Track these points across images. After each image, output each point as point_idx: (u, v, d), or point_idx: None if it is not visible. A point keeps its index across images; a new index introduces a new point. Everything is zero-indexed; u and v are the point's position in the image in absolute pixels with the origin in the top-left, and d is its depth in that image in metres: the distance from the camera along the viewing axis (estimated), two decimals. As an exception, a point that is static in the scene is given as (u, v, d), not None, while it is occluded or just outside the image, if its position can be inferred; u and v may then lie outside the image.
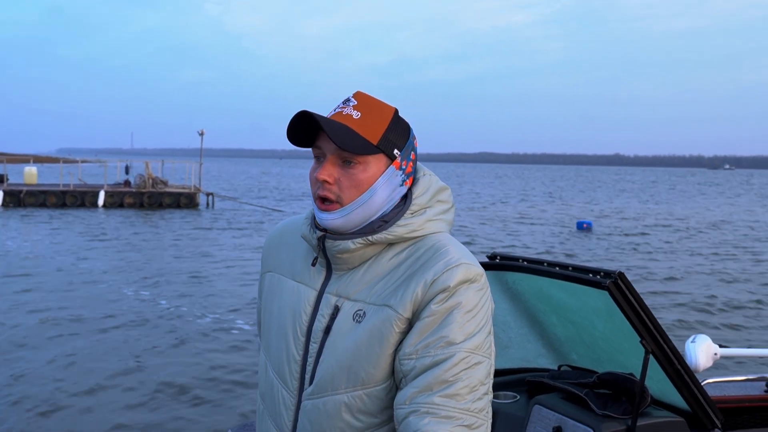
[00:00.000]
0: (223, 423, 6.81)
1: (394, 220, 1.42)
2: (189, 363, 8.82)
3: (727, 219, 34.81)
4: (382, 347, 1.35)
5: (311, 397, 1.41)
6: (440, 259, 1.36)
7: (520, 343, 3.29)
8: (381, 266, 1.42)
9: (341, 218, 1.40)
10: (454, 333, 1.30)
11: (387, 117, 1.42)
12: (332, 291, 1.44)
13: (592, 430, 2.56)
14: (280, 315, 1.52)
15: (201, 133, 38.66)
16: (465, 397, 1.27)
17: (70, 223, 26.83)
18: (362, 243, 1.40)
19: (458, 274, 1.33)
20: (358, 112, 1.40)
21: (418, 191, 1.46)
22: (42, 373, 8.21)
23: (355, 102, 1.41)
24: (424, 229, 1.43)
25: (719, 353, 3.06)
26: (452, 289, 1.32)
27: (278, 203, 40.60)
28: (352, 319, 1.39)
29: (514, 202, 45.89)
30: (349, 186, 1.39)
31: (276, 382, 1.49)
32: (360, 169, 1.39)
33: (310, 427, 1.41)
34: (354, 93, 1.44)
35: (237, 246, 20.96)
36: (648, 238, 25.17)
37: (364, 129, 1.38)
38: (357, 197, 1.40)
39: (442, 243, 1.40)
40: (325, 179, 1.39)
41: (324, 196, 1.40)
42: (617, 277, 2.43)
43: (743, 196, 64.26)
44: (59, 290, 13.33)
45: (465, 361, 1.29)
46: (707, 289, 14.78)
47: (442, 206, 1.48)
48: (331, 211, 1.40)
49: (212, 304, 12.36)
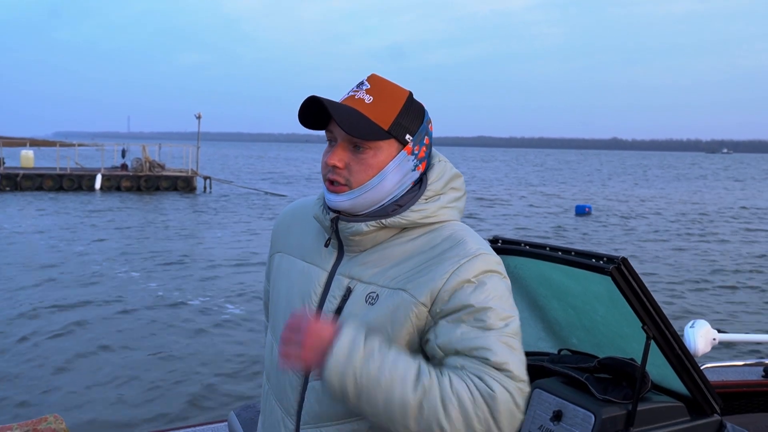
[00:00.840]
0: (226, 405, 6.87)
1: (409, 205, 1.43)
2: (188, 346, 8.85)
3: (733, 204, 34.87)
4: (395, 330, 1.36)
5: (318, 377, 1.41)
6: (460, 249, 1.37)
7: (521, 327, 3.29)
8: (395, 250, 1.42)
9: (349, 201, 1.41)
10: (492, 321, 1.31)
11: (399, 101, 1.42)
12: (344, 273, 1.45)
13: (592, 414, 2.56)
14: (288, 295, 1.52)
15: (198, 117, 38.52)
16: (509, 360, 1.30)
17: (67, 206, 26.78)
18: (375, 226, 1.41)
19: (478, 265, 1.35)
20: (370, 96, 1.39)
21: (433, 177, 1.47)
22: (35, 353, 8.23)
23: (368, 86, 1.41)
24: (438, 215, 1.44)
25: (718, 338, 3.07)
26: (476, 280, 1.34)
27: (274, 186, 40.54)
28: (365, 301, 1.40)
29: (511, 187, 45.87)
30: (358, 170, 1.40)
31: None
32: (370, 154, 1.40)
33: (317, 407, 1.41)
34: (368, 76, 1.44)
35: (234, 229, 20.95)
36: (647, 221, 25.21)
37: (376, 114, 1.38)
38: (366, 181, 1.40)
39: (460, 233, 1.42)
40: (335, 164, 1.39)
41: (333, 179, 1.40)
42: (620, 262, 2.42)
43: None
44: (60, 276, 13.32)
45: (504, 342, 1.31)
46: (706, 273, 14.82)
47: (455, 193, 1.49)
48: (340, 193, 1.41)
49: (208, 287, 12.37)
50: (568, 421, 2.63)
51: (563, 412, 2.66)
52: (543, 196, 37.65)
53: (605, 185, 49.70)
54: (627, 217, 26.95)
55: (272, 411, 1.53)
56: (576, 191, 41.94)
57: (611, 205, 32.49)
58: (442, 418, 1.23)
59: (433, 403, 1.23)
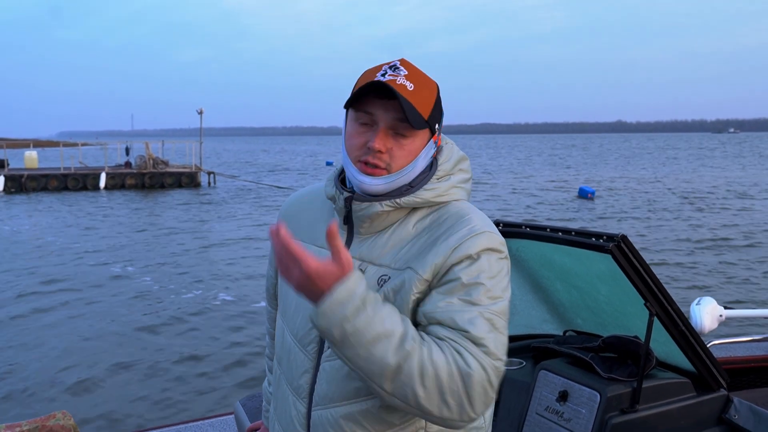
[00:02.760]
0: (230, 395, 6.90)
1: (421, 185, 1.44)
2: (192, 338, 8.91)
3: (739, 183, 34.73)
4: (401, 307, 1.36)
5: (330, 358, 1.42)
6: (464, 226, 1.38)
7: (525, 310, 3.29)
8: (405, 232, 1.44)
9: (384, 184, 1.41)
10: (479, 296, 1.31)
11: (434, 92, 1.44)
12: (355, 255, 1.45)
13: (598, 393, 2.57)
14: None
15: (200, 112, 38.54)
16: (488, 334, 1.29)
17: (73, 205, 26.86)
18: (390, 206, 1.42)
19: (482, 241, 1.35)
20: (411, 83, 1.40)
21: (443, 158, 1.49)
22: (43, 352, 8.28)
23: (405, 71, 1.41)
24: (449, 194, 1.45)
25: (724, 315, 3.06)
26: (476, 256, 1.34)
27: (279, 180, 40.56)
28: (377, 284, 1.40)
29: (515, 172, 45.80)
30: (399, 156, 1.41)
31: (294, 345, 1.50)
32: (409, 141, 1.41)
33: (327, 389, 1.42)
34: (400, 60, 1.44)
35: (240, 222, 20.98)
36: (653, 204, 25.15)
37: (418, 102, 1.39)
38: (404, 167, 1.42)
39: (465, 210, 1.43)
40: (381, 148, 1.39)
41: (375, 163, 1.40)
42: (620, 240, 2.42)
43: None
44: (70, 276, 13.38)
45: (487, 319, 1.30)
46: (711, 253, 14.78)
47: (464, 174, 1.51)
48: (377, 176, 1.41)
49: (213, 281, 12.41)
50: (574, 400, 2.64)
51: (569, 392, 2.67)
52: (544, 180, 37.58)
53: (613, 168, 49.55)
54: (633, 200, 26.88)
55: (283, 395, 1.54)
56: (579, 175, 41.84)
57: (615, 189, 32.40)
58: (418, 385, 1.23)
59: (411, 370, 1.22)
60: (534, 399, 2.79)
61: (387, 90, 1.36)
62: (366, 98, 1.40)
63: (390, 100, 1.38)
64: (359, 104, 1.41)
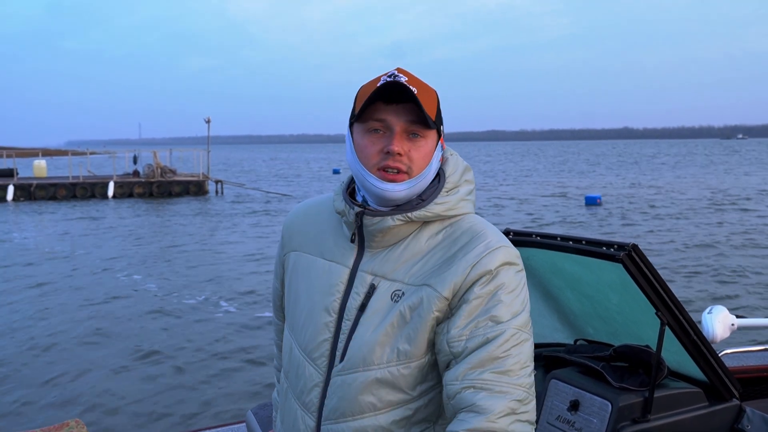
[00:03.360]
0: (242, 402, 6.90)
1: (431, 198, 1.44)
2: (203, 346, 8.91)
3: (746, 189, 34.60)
4: (419, 325, 1.37)
5: (341, 373, 1.42)
6: (480, 242, 1.38)
7: (536, 319, 3.29)
8: (418, 246, 1.43)
9: (407, 189, 1.41)
10: (501, 312, 1.33)
11: (435, 94, 1.45)
12: (367, 269, 1.45)
13: (609, 402, 2.56)
14: (309, 293, 1.51)
15: (207, 121, 38.64)
16: (517, 373, 1.32)
17: (82, 214, 26.95)
18: (402, 220, 1.42)
19: (499, 257, 1.37)
20: (414, 87, 1.40)
21: (450, 170, 1.49)
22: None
23: (405, 78, 1.41)
24: (458, 208, 1.46)
25: (736, 324, 3.04)
26: (494, 272, 1.35)
27: (288, 187, 40.61)
28: (390, 299, 1.40)
29: (522, 179, 45.74)
30: (418, 158, 1.41)
31: (302, 359, 1.49)
32: (423, 142, 1.42)
33: (338, 403, 1.42)
34: (397, 69, 1.44)
35: (248, 232, 21.02)
36: (659, 211, 25.06)
37: (425, 103, 1.40)
38: (423, 169, 1.42)
39: (479, 226, 1.43)
40: (400, 151, 1.39)
41: (396, 167, 1.40)
42: (630, 249, 2.42)
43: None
44: (78, 285, 13.42)
45: (514, 338, 1.33)
46: (723, 260, 14.72)
47: (470, 186, 1.51)
48: (400, 181, 1.41)
49: (225, 290, 12.42)
50: (586, 410, 2.63)
51: (580, 401, 2.66)
52: (551, 188, 37.51)
53: (620, 175, 49.43)
54: (640, 207, 26.79)
55: (291, 409, 1.53)
56: (586, 183, 41.74)
57: (622, 196, 32.31)
58: None
59: None
60: (545, 408, 2.79)
61: (399, 92, 1.38)
62: (373, 108, 1.40)
63: (399, 104, 1.39)
64: (367, 115, 1.41)
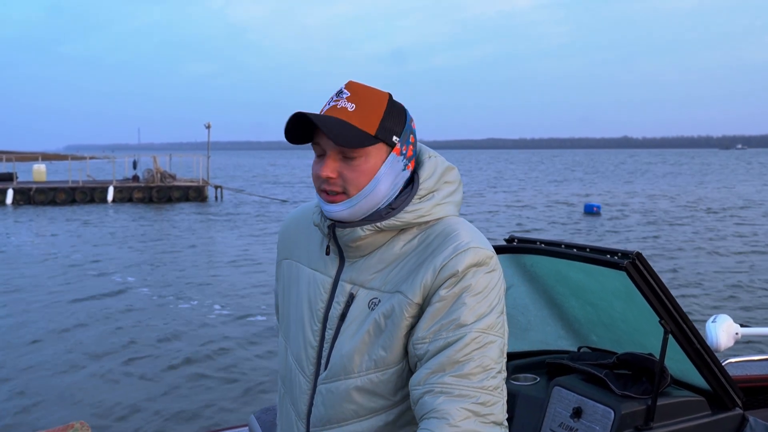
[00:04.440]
0: (246, 405, 6.91)
1: (402, 206, 1.42)
2: (206, 349, 8.93)
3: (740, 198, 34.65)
4: (394, 332, 1.36)
5: (325, 381, 1.43)
6: (450, 244, 1.36)
7: (540, 326, 3.30)
8: (393, 253, 1.43)
9: (347, 209, 1.41)
10: (464, 315, 1.31)
11: (382, 104, 1.41)
12: (346, 279, 1.46)
13: (612, 410, 2.57)
14: (297, 302, 1.54)
15: (208, 126, 38.68)
16: (477, 376, 1.29)
17: (81, 218, 26.95)
18: (372, 230, 1.41)
19: (467, 258, 1.34)
20: (352, 104, 1.39)
21: (425, 174, 1.46)
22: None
23: (348, 93, 1.40)
24: (433, 213, 1.43)
25: (740, 333, 3.05)
26: (461, 274, 1.33)
27: (288, 192, 40.64)
28: (368, 307, 1.41)
29: (521, 187, 45.77)
30: (352, 178, 1.39)
31: (294, 366, 1.52)
32: (362, 161, 1.39)
33: (324, 411, 1.43)
34: (346, 84, 1.43)
35: (248, 237, 21.02)
36: (659, 219, 25.09)
37: (361, 120, 1.38)
38: (362, 188, 1.40)
39: (452, 227, 1.40)
40: (329, 176, 1.39)
41: (331, 190, 1.41)
42: (635, 257, 2.43)
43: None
44: (70, 291, 13.41)
45: (476, 341, 1.30)
46: (724, 269, 14.73)
47: (449, 188, 1.47)
48: (337, 202, 1.41)
49: (224, 294, 12.42)
50: (588, 417, 2.64)
51: (583, 408, 2.67)
52: (550, 196, 37.54)
53: (619, 184, 49.48)
54: (639, 216, 26.83)
55: (287, 413, 1.55)
56: (585, 191, 41.79)
57: (621, 205, 32.35)
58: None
59: None
60: (548, 415, 2.79)
61: (307, 120, 1.37)
62: (315, 130, 1.41)
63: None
64: (312, 137, 1.42)
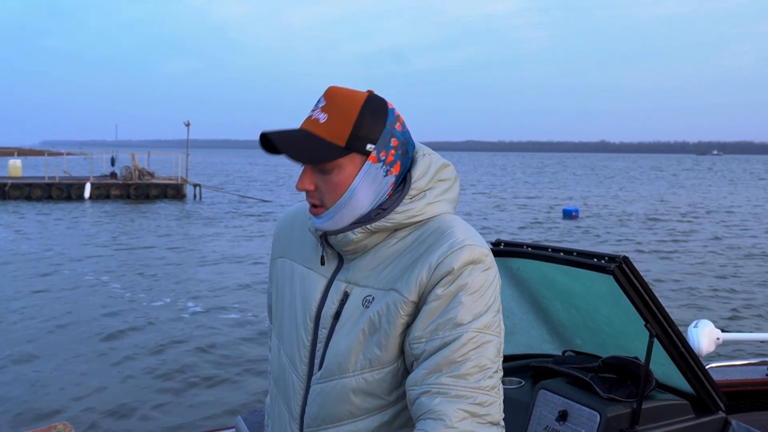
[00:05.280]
0: (232, 408, 6.88)
1: (393, 207, 1.41)
2: (192, 350, 8.88)
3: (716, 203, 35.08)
4: (389, 331, 1.36)
5: (320, 381, 1.42)
6: (445, 242, 1.35)
7: (525, 329, 3.31)
8: (387, 251, 1.42)
9: (328, 221, 1.42)
10: (461, 314, 1.30)
11: (354, 113, 1.37)
12: (341, 278, 1.45)
13: (597, 413, 2.58)
14: (291, 301, 1.53)
15: (187, 124, 38.41)
16: (474, 376, 1.28)
17: (57, 215, 26.63)
18: (363, 232, 1.41)
19: (462, 256, 1.33)
20: (325, 114, 1.37)
21: (417, 174, 1.44)
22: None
23: (324, 103, 1.39)
24: (425, 213, 1.42)
25: (721, 338, 3.09)
26: (457, 272, 1.32)
27: (266, 191, 40.47)
28: (362, 305, 1.40)
29: (499, 191, 45.98)
30: (327, 191, 1.40)
31: (287, 366, 1.51)
32: (335, 173, 1.38)
33: (318, 411, 1.42)
34: (325, 91, 1.41)
35: (226, 235, 20.90)
36: (639, 224, 25.32)
37: (330, 132, 1.36)
38: (337, 200, 1.40)
39: (447, 224, 1.39)
40: (305, 188, 1.40)
41: (311, 202, 1.43)
42: (621, 261, 2.45)
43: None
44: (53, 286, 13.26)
45: (473, 341, 1.29)
46: (702, 275, 14.89)
47: (443, 185, 1.46)
48: (319, 215, 1.43)
49: (206, 294, 12.34)
50: (574, 420, 2.65)
51: (568, 411, 2.68)
52: (528, 199, 37.76)
53: (597, 188, 49.86)
54: (618, 220, 27.06)
55: (280, 414, 1.54)
56: (563, 195, 42.08)
57: (599, 209, 32.61)
58: None
59: None
60: (533, 418, 2.80)
61: (270, 143, 1.35)
62: None
63: None
64: None
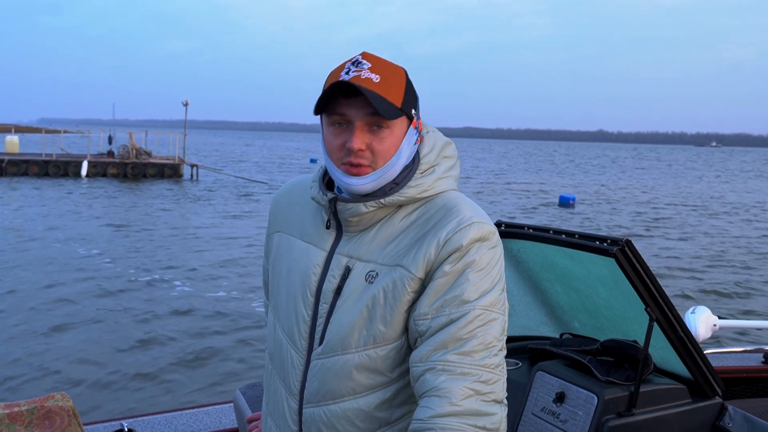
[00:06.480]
0: (231, 383, 6.90)
1: (405, 182, 1.41)
2: (190, 327, 8.93)
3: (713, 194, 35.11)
4: (394, 307, 1.35)
5: (321, 356, 1.41)
6: (452, 218, 1.36)
7: (523, 311, 3.31)
8: (392, 227, 1.42)
9: (373, 182, 1.39)
10: (468, 291, 1.30)
11: (403, 78, 1.41)
12: (343, 252, 1.44)
13: (595, 395, 2.58)
14: (289, 275, 1.52)
15: (185, 104, 38.27)
16: (480, 353, 1.28)
17: (53, 192, 26.56)
18: (375, 206, 1.40)
19: (471, 233, 1.33)
20: (376, 75, 1.37)
21: (426, 149, 1.46)
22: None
23: (368, 64, 1.38)
24: (435, 188, 1.43)
25: (718, 324, 3.10)
26: (465, 248, 1.32)
27: (264, 174, 40.39)
28: (365, 280, 1.39)
29: (496, 178, 45.97)
30: (381, 150, 1.38)
31: (285, 342, 1.50)
32: (388, 133, 1.38)
33: (319, 387, 1.42)
34: (362, 54, 1.41)
35: (222, 215, 20.88)
36: (635, 212, 25.35)
37: (388, 92, 1.36)
38: (388, 161, 1.39)
39: (453, 201, 1.40)
40: (360, 147, 1.36)
41: (358, 163, 1.38)
42: (624, 244, 2.44)
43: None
44: (48, 262, 13.25)
45: (480, 318, 1.30)
46: (700, 260, 14.92)
47: (449, 162, 1.48)
48: (363, 175, 1.39)
49: (199, 273, 12.35)
50: (571, 402, 2.65)
51: (566, 393, 2.68)
52: (526, 186, 37.76)
53: (594, 176, 49.87)
54: (614, 208, 27.09)
55: (276, 390, 1.53)
56: (560, 183, 42.09)
57: (596, 197, 32.63)
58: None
59: None
60: (530, 399, 2.80)
61: (351, 88, 1.34)
62: (334, 100, 1.37)
63: (357, 97, 1.35)
64: (330, 107, 1.39)
